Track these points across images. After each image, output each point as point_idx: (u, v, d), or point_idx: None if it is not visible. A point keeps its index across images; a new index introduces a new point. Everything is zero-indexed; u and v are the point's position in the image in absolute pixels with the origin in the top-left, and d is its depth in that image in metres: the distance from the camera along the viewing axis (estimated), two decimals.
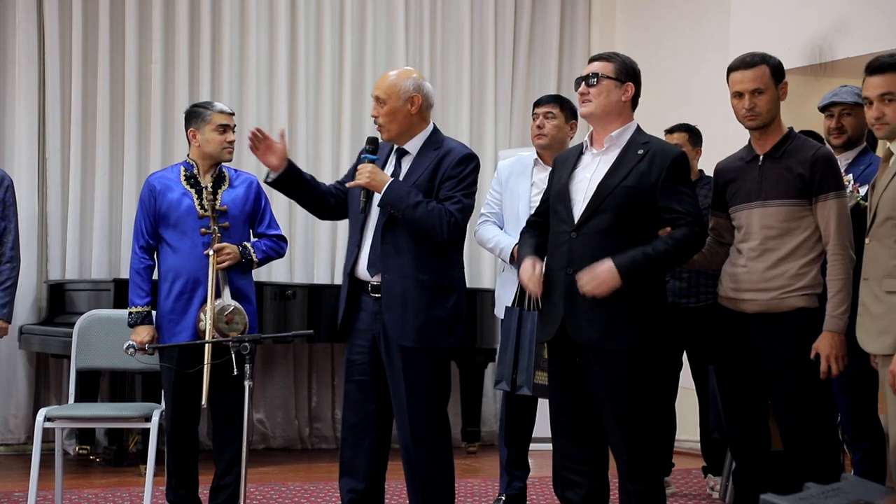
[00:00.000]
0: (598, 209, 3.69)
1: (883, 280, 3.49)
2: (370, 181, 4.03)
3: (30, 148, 6.78)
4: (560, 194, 3.80)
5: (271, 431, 7.29)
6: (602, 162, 3.78)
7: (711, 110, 6.57)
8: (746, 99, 3.84)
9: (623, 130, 3.79)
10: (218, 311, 4.56)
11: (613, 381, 3.66)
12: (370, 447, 4.14)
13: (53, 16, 6.81)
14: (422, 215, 3.99)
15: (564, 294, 3.70)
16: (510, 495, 4.91)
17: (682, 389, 5.66)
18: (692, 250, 3.73)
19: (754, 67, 3.84)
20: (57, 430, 4.89)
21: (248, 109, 7.24)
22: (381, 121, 4.10)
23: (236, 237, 4.71)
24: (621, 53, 3.89)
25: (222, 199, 4.71)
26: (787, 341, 3.79)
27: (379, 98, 4.09)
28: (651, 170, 3.69)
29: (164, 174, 4.83)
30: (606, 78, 3.77)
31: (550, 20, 8.14)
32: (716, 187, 4.05)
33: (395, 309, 4.02)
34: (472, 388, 7.18)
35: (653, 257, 3.61)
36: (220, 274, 4.60)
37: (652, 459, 3.74)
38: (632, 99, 3.81)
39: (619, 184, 3.69)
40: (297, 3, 7.40)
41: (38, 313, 6.76)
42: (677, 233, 3.67)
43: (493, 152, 7.85)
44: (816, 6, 6.59)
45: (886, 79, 3.58)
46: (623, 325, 3.65)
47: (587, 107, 3.80)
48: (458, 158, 4.12)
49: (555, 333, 3.74)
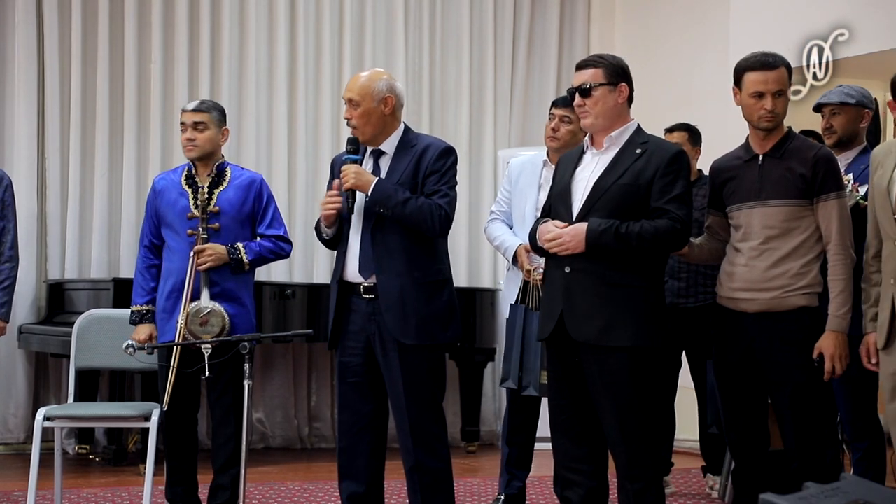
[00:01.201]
0: (594, 207, 3.69)
1: None
2: (357, 182, 4.01)
3: (29, 147, 6.78)
4: (561, 193, 3.81)
5: (271, 431, 7.29)
6: (601, 161, 3.78)
7: (711, 110, 6.57)
8: (769, 100, 3.82)
9: (623, 130, 3.79)
10: (193, 313, 4.55)
11: (612, 379, 3.66)
12: (368, 449, 4.14)
13: (53, 15, 6.81)
14: (412, 211, 3.99)
15: (563, 292, 3.70)
16: (509, 495, 4.91)
17: (682, 389, 5.66)
18: (668, 244, 3.70)
19: (777, 69, 3.83)
20: (56, 429, 4.88)
21: (247, 109, 7.23)
22: (354, 122, 4.07)
23: (230, 237, 4.68)
24: (606, 54, 3.88)
25: (217, 199, 4.70)
26: (788, 340, 3.79)
27: (352, 100, 4.06)
28: (648, 167, 3.69)
29: (168, 175, 4.88)
30: (599, 85, 3.75)
31: (550, 20, 8.14)
32: (712, 186, 4.05)
33: (394, 308, 4.01)
34: (471, 387, 7.17)
35: (624, 237, 3.60)
36: (201, 275, 4.60)
37: (651, 458, 3.73)
38: (627, 98, 3.80)
39: (615, 181, 3.69)
40: (296, 2, 7.39)
41: (38, 313, 6.75)
42: (658, 222, 3.64)
43: (492, 152, 7.85)
44: (816, 6, 6.58)
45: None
46: (621, 322, 3.64)
47: (587, 119, 3.79)
48: (438, 152, 4.11)
49: (552, 330, 3.74)
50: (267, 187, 4.83)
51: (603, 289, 3.66)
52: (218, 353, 4.31)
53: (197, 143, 4.72)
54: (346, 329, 4.12)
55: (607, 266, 3.65)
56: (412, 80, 7.69)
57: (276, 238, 4.78)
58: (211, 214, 4.66)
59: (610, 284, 3.65)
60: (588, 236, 3.62)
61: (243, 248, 4.68)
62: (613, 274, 3.65)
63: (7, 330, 5.23)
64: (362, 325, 4.08)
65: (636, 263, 3.68)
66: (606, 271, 3.65)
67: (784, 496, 2.29)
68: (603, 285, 3.66)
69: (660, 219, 3.65)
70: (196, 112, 4.74)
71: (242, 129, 7.23)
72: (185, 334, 4.51)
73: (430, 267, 4.10)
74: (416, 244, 4.06)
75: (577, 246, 3.64)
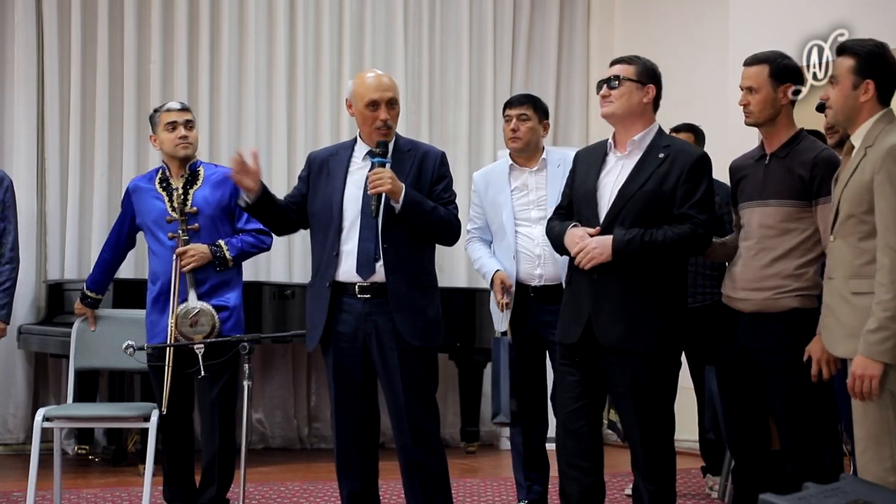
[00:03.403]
0: (619, 214, 3.76)
1: (849, 280, 3.41)
2: (393, 187, 3.96)
3: (29, 148, 6.78)
4: (586, 197, 3.87)
5: (270, 431, 7.28)
6: (625, 166, 3.84)
7: (710, 110, 6.58)
8: (743, 95, 3.88)
9: (645, 134, 3.85)
10: (182, 315, 4.56)
11: (635, 381, 3.74)
12: (365, 448, 4.15)
13: (52, 15, 6.81)
14: (437, 220, 4.04)
15: (591, 298, 3.77)
16: (531, 500, 4.90)
17: (681, 389, 5.62)
18: (691, 249, 3.78)
19: (754, 66, 3.86)
20: (56, 429, 4.89)
21: (246, 109, 7.23)
22: (391, 123, 4.08)
23: (211, 236, 4.71)
24: (641, 56, 3.94)
25: (193, 199, 4.72)
26: (780, 342, 3.79)
27: (394, 100, 4.07)
28: (671, 172, 3.76)
29: (141, 180, 4.92)
30: (628, 80, 3.83)
31: (549, 20, 8.14)
32: (732, 184, 4.08)
33: (404, 310, 4.02)
34: (471, 387, 7.16)
35: (649, 246, 3.68)
36: (186, 277, 4.61)
37: (668, 461, 3.83)
38: (653, 101, 3.87)
39: (639, 188, 3.76)
40: (296, 3, 7.39)
41: (37, 313, 6.75)
42: (681, 228, 3.72)
43: (491, 153, 7.85)
44: (816, 6, 6.58)
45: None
46: (646, 327, 3.72)
47: (608, 107, 3.85)
48: (440, 158, 4.16)
49: (580, 335, 3.80)
50: None
51: (628, 293, 3.74)
52: (212, 353, 4.33)
53: (191, 141, 4.77)
54: (337, 330, 4.09)
55: (632, 272, 3.73)
56: (412, 80, 7.68)
57: (256, 231, 4.80)
58: (189, 215, 4.67)
59: (634, 290, 3.73)
60: (615, 247, 3.70)
61: (225, 244, 4.70)
62: (638, 280, 3.73)
63: (7, 331, 5.22)
64: (356, 325, 4.07)
65: (659, 269, 3.75)
66: (632, 277, 3.73)
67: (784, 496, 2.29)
68: (628, 290, 3.74)
69: (682, 224, 3.72)
70: (185, 111, 4.82)
71: (242, 130, 7.23)
72: (175, 336, 4.52)
73: (429, 271, 4.15)
74: (420, 249, 4.10)
75: (604, 257, 3.71)
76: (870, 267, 3.33)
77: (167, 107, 4.84)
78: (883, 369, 3.27)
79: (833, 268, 3.51)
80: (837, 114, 3.51)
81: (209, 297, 4.63)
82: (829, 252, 3.56)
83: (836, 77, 3.49)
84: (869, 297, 3.31)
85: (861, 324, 3.31)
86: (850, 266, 3.41)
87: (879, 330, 3.26)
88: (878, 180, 3.31)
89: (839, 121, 3.55)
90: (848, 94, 3.45)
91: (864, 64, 3.43)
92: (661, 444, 3.80)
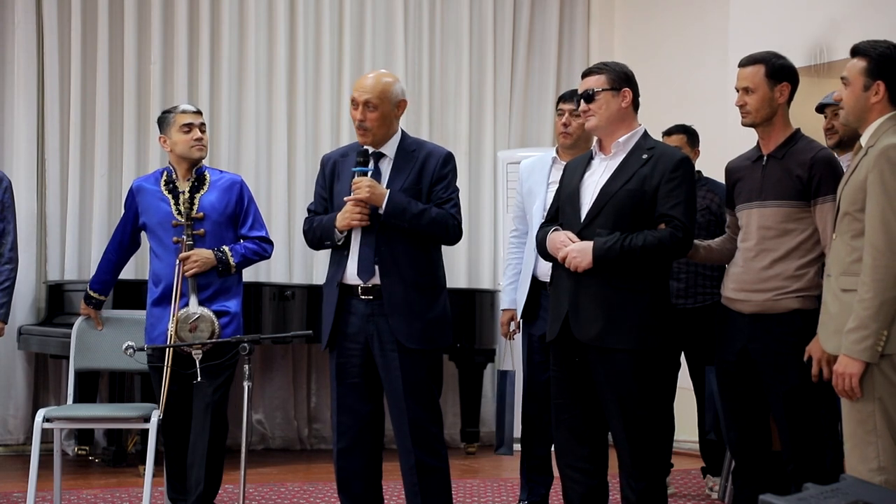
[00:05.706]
0: (600, 212, 3.77)
1: (840, 277, 3.43)
2: (371, 196, 3.98)
3: (28, 148, 6.77)
4: (570, 198, 3.88)
5: (270, 432, 7.28)
6: (608, 167, 3.85)
7: (710, 110, 6.57)
8: (739, 96, 3.89)
9: (630, 136, 3.86)
10: (182, 320, 4.56)
11: (617, 380, 3.73)
12: (367, 449, 4.14)
13: (52, 16, 6.80)
14: (428, 223, 4.02)
15: (570, 295, 3.78)
16: (532, 501, 4.89)
17: (681, 390, 5.63)
18: (671, 254, 3.79)
19: (750, 66, 3.87)
20: (56, 430, 4.89)
21: (247, 110, 7.23)
22: (368, 125, 4.04)
23: (216, 241, 4.70)
24: (609, 62, 3.97)
25: (200, 204, 4.71)
26: (781, 343, 3.79)
27: (369, 102, 4.02)
28: (654, 173, 3.76)
29: (146, 180, 4.89)
30: (602, 90, 3.84)
31: (549, 20, 8.14)
32: (727, 186, 4.08)
33: (399, 312, 4.02)
34: (471, 388, 7.17)
35: (628, 251, 3.69)
36: (189, 281, 4.61)
37: (655, 458, 3.80)
38: (632, 103, 3.88)
39: (621, 187, 3.77)
40: (296, 3, 7.39)
41: (37, 314, 6.75)
42: (661, 232, 3.73)
43: (492, 152, 7.85)
44: (816, 6, 6.58)
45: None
46: (624, 324, 3.71)
47: (591, 122, 3.89)
48: (443, 159, 4.14)
49: (558, 332, 3.81)
50: (248, 189, 4.86)
51: (607, 292, 3.73)
52: (210, 357, 4.33)
53: (205, 144, 4.77)
54: (344, 331, 4.11)
55: (613, 271, 3.73)
56: (412, 80, 7.68)
57: (258, 239, 4.82)
58: (195, 221, 4.66)
59: (614, 288, 3.73)
60: (595, 254, 3.70)
61: (229, 250, 4.70)
62: (618, 278, 3.73)
63: (6, 331, 5.22)
64: (360, 326, 4.08)
65: (641, 268, 3.74)
66: (612, 276, 3.73)
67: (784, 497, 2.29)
68: (607, 288, 3.73)
69: (663, 227, 3.72)
70: (200, 114, 4.82)
71: (242, 130, 7.23)
72: (175, 341, 4.52)
73: (430, 273, 4.14)
74: (419, 250, 4.09)
75: (585, 264, 3.72)
76: (858, 265, 3.36)
77: (182, 108, 4.82)
78: (863, 368, 3.29)
79: (830, 265, 3.53)
80: (848, 114, 3.53)
81: (210, 302, 4.63)
82: (830, 250, 3.58)
83: (847, 78, 3.50)
84: (854, 295, 3.33)
85: (847, 321, 3.34)
86: (842, 263, 3.44)
87: (859, 329, 3.29)
88: (870, 179, 3.34)
89: (850, 121, 3.56)
90: (859, 95, 3.47)
91: (876, 65, 3.45)
92: (646, 442, 3.75)
